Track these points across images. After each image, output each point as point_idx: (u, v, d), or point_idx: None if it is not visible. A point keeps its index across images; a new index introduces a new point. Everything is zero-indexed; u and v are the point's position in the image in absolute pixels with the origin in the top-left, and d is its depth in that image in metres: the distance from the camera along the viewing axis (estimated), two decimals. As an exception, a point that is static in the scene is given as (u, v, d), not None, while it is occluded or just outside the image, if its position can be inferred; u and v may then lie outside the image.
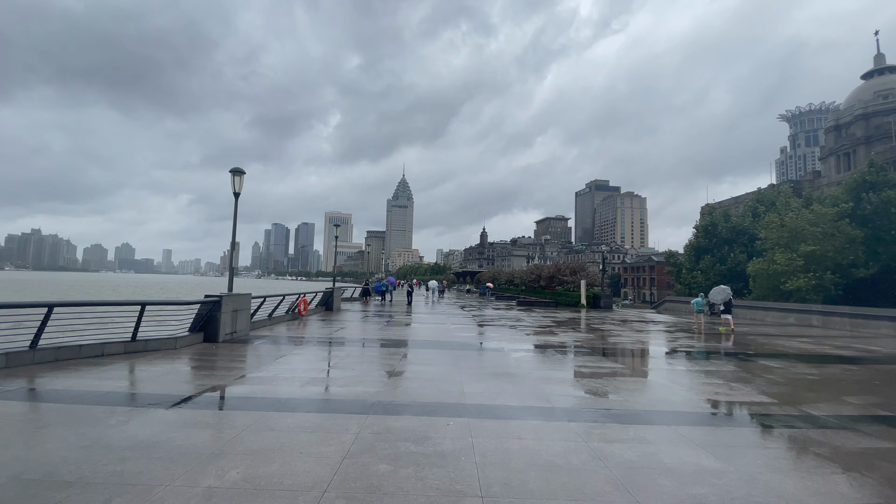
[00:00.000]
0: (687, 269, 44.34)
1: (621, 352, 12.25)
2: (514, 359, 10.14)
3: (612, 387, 7.69)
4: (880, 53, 78.61)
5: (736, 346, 13.79)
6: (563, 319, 22.15)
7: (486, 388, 7.35)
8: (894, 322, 19.17)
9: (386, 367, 8.87)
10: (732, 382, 8.27)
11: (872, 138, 72.33)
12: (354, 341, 12.68)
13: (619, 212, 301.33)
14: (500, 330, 16.95)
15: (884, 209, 26.95)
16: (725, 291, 20.84)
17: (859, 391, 7.86)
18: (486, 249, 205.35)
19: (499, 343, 12.99)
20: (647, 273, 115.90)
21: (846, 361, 11.36)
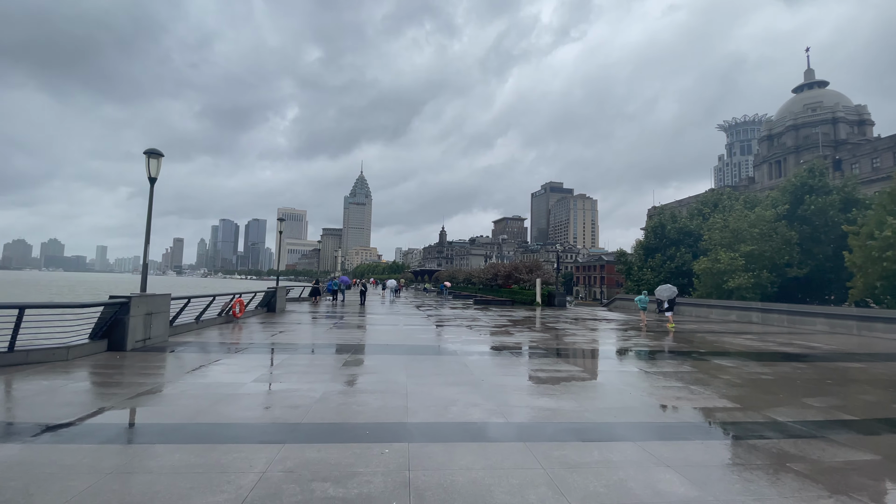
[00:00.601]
0: (637, 267, 45.72)
1: (578, 353, 11.78)
2: (467, 364, 9.31)
3: (571, 394, 7.03)
4: (810, 69, 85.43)
5: (688, 345, 13.75)
6: (519, 318, 21.74)
7: (435, 401, 6.44)
8: (828, 318, 20.20)
9: (321, 379, 7.75)
10: (692, 385, 7.87)
11: (801, 148, 78.43)
12: (292, 347, 11.38)
13: (572, 213, 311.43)
14: (455, 331, 16.14)
15: (822, 212, 28.64)
16: (671, 290, 21.50)
17: (816, 392, 7.67)
18: (445, 248, 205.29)
19: (453, 345, 12.14)
20: (597, 272, 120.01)
21: (794, 359, 11.46)
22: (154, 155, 10.85)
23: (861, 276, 20.45)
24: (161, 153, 11.01)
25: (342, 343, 12.19)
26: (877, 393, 7.62)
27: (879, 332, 17.52)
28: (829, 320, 20.16)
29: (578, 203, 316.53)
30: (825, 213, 29.28)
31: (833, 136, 77.39)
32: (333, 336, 13.73)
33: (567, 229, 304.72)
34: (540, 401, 6.63)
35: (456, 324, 18.57)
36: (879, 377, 9.17)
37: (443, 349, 11.46)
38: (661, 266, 40.71)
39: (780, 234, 29.65)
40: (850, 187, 30.23)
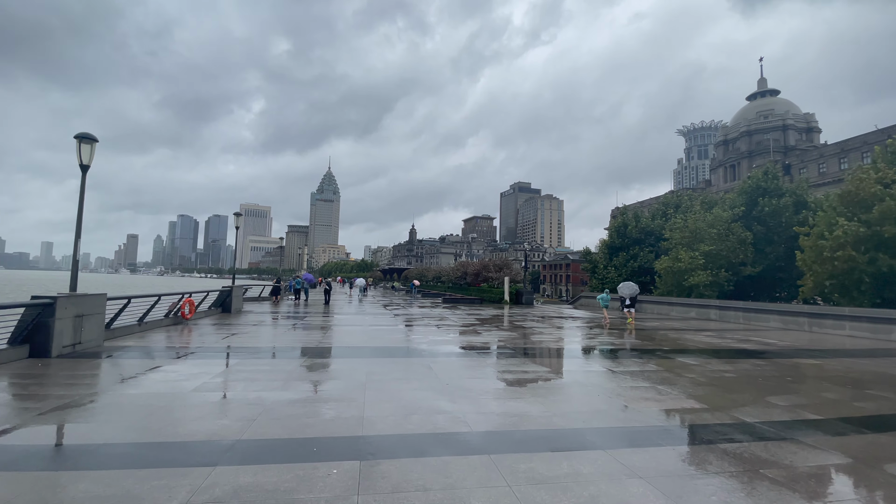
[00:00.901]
0: (602, 266, 46.67)
1: (545, 352, 11.57)
2: (432, 366, 8.87)
3: (538, 397, 6.72)
4: (763, 78, 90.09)
5: (652, 343, 13.86)
6: (488, 317, 21.52)
7: (395, 409, 5.96)
8: (781, 315, 21.07)
9: (271, 387, 7.10)
10: (659, 385, 7.75)
11: (754, 153, 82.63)
12: (244, 351, 10.59)
13: (540, 213, 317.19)
14: (422, 331, 15.67)
15: (776, 213, 29.92)
16: (632, 287, 22.03)
17: (778, 390, 7.71)
18: (414, 247, 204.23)
19: (418, 347, 11.67)
20: (563, 270, 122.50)
21: (752, 356, 11.69)
22: (86, 140, 9.77)
23: (811, 275, 21.41)
24: (94, 138, 9.93)
25: (299, 346, 11.48)
26: (836, 390, 7.73)
27: (829, 329, 18.37)
28: (782, 317, 21.04)
29: (546, 203, 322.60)
30: (778, 215, 30.64)
31: (783, 143, 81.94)
32: (291, 338, 12.96)
33: (535, 228, 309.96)
34: (507, 405, 6.27)
35: (423, 323, 18.10)
36: (835, 374, 9.40)
37: (408, 351, 10.97)
38: (624, 265, 41.66)
39: (736, 234, 30.79)
40: (801, 190, 31.76)
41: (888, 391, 7.70)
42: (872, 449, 4.85)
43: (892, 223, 17.78)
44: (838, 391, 7.64)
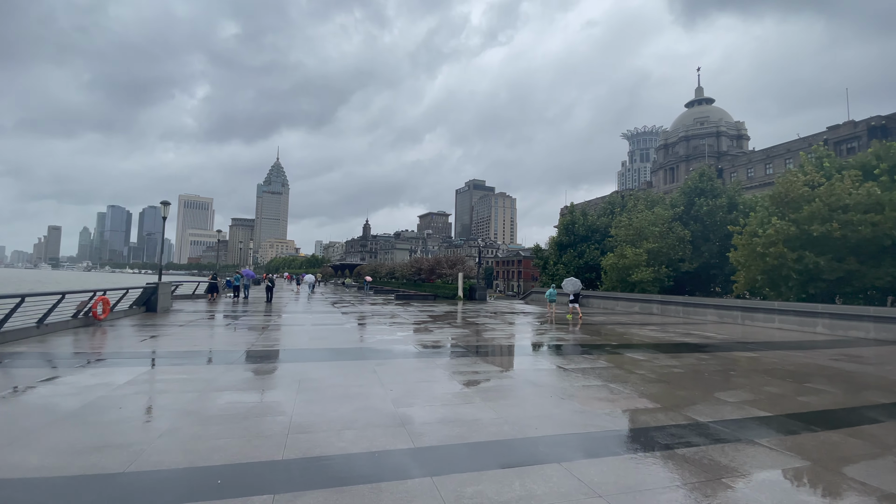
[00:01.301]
0: (552, 262, 47.72)
1: (497, 350, 11.17)
2: (377, 370, 8.13)
3: (489, 401, 6.20)
4: (700, 87, 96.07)
5: (601, 338, 13.91)
6: (440, 314, 20.99)
7: (328, 424, 5.20)
8: (717, 309, 22.18)
9: (180, 401, 6.09)
10: (611, 383, 7.51)
11: (691, 157, 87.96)
12: (160, 357, 9.32)
13: (494, 210, 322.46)
14: (371, 330, 14.83)
15: (712, 213, 31.63)
16: (576, 283, 22.68)
17: (724, 385, 7.71)
18: (368, 242, 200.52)
19: (365, 347, 10.88)
20: (515, 266, 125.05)
21: (696, 349, 11.94)
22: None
23: (744, 271, 22.72)
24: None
25: (227, 350, 10.31)
26: (778, 384, 7.84)
27: (760, 322, 19.51)
28: (717, 311, 22.17)
29: (499, 201, 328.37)
30: (713, 214, 32.43)
31: (717, 148, 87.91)
32: (220, 341, 11.71)
33: (489, 225, 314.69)
34: (456, 412, 5.69)
35: (373, 322, 17.24)
36: (773, 367, 9.67)
37: (353, 352, 10.14)
38: (571, 261, 42.72)
39: (676, 232, 32.29)
40: (734, 191, 33.81)
41: (825, 384, 7.93)
42: (827, 449, 4.74)
43: (819, 223, 19.09)
44: (780, 385, 7.75)
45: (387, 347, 10.87)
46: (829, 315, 16.70)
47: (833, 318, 16.56)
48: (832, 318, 16.58)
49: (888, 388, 7.79)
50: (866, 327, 15.41)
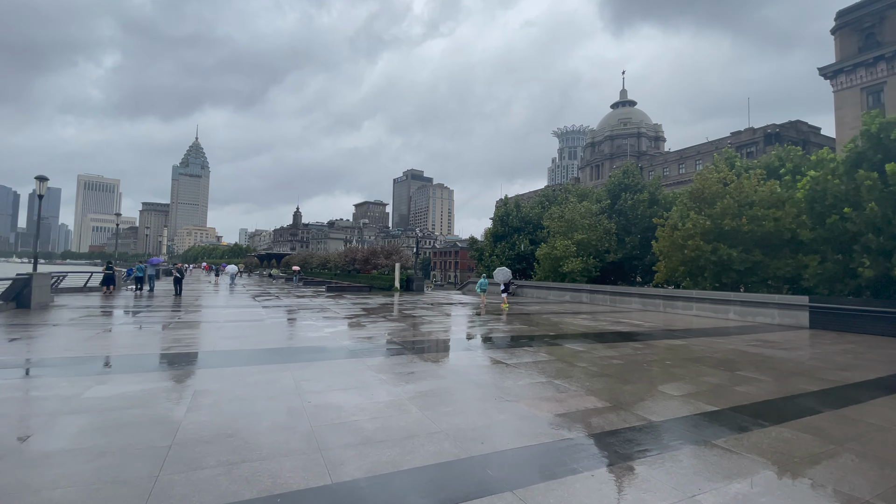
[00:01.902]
0: (487, 254, 48.17)
1: (434, 345, 10.38)
2: (294, 375, 6.94)
3: (426, 409, 5.35)
4: (624, 89, 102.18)
5: (538, 328, 13.71)
6: (375, 306, 19.83)
7: (219, 455, 4.03)
8: (641, 298, 23.30)
9: (28, 427, 4.54)
10: (555, 379, 7.03)
11: (615, 155, 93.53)
12: (8, 368, 7.34)
13: (432, 201, 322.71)
14: (293, 326, 13.36)
15: (635, 207, 33.34)
16: (506, 272, 23.07)
17: (665, 377, 7.55)
18: (300, 231, 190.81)
19: (283, 347, 9.53)
20: (453, 257, 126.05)
21: (629, 338, 12.06)
22: None
23: (665, 261, 24.08)
24: None
25: (107, 355, 8.48)
26: (714, 374, 7.85)
27: (680, 310, 20.71)
28: (642, 299, 23.30)
29: (437, 192, 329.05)
30: (636, 208, 34.29)
31: (637, 148, 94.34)
32: (101, 344, 9.71)
33: (427, 216, 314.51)
34: (386, 427, 4.77)
35: (298, 317, 15.69)
36: (703, 354, 9.87)
37: (268, 355, 8.78)
38: (504, 252, 43.34)
39: (603, 225, 33.74)
40: (654, 188, 35.97)
41: (754, 372, 8.09)
42: (784, 449, 4.48)
43: (730, 218, 20.55)
44: (715, 374, 7.77)
45: (310, 347, 9.62)
46: (741, 303, 18.03)
47: (744, 305, 17.90)
48: (743, 305, 17.92)
49: (808, 373, 8.12)
50: (772, 313, 16.79)
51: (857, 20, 52.16)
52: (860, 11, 52.00)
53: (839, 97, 54.94)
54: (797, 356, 10.01)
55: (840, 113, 54.33)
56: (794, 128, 63.53)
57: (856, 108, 53.25)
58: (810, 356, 10.02)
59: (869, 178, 13.35)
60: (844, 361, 9.38)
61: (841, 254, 15.66)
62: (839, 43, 54.61)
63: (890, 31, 48.86)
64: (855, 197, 14.35)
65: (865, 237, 13.64)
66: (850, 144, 15.78)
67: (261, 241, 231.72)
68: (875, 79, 51.03)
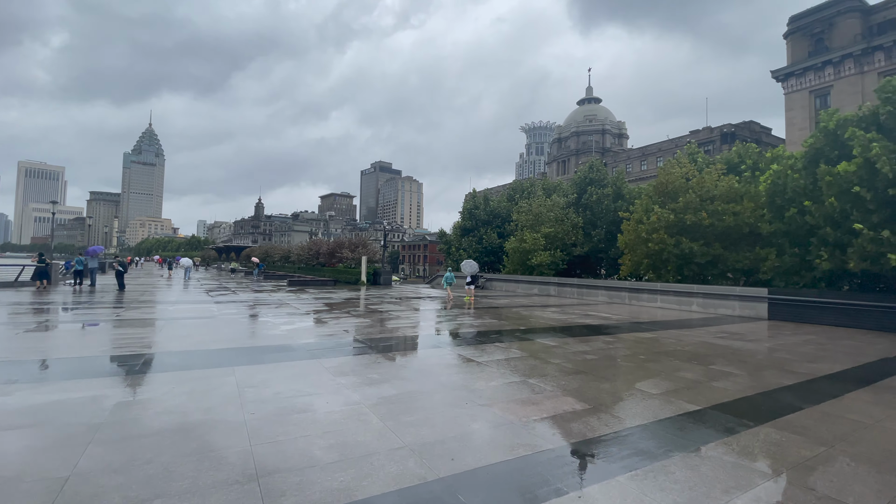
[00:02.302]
0: (455, 247, 47.81)
1: (401, 343, 9.74)
2: (240, 382, 6.14)
3: (389, 419, 4.73)
4: (590, 86, 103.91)
5: (508, 322, 13.33)
6: (339, 301, 18.92)
7: (129, 488, 3.26)
8: (607, 291, 23.49)
9: None
10: (529, 378, 6.57)
11: (580, 151, 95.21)
12: None
13: (400, 194, 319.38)
14: (247, 324, 12.35)
15: (600, 201, 33.70)
16: (473, 265, 22.96)
17: (642, 373, 7.25)
18: (262, 223, 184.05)
19: (229, 348, 8.62)
20: (421, 251, 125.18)
21: (599, 332, 11.85)
22: None
23: (630, 255, 24.38)
24: None
25: (16, 360, 7.33)
26: (689, 368, 7.64)
27: (645, 302, 20.96)
28: (608, 292, 23.50)
29: (406, 185, 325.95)
30: (601, 202, 34.74)
31: (602, 144, 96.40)
32: (20, 346, 8.47)
33: (395, 209, 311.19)
34: (342, 443, 4.11)
35: (253, 313, 14.64)
36: (674, 348, 9.73)
37: (212, 357, 7.87)
38: (472, 245, 43.12)
39: (570, 219, 33.99)
40: (619, 182, 36.52)
41: (727, 365, 7.95)
42: (776, 452, 4.17)
43: (692, 212, 20.93)
44: (690, 369, 7.55)
45: (263, 347, 8.76)
46: (703, 295, 18.38)
47: (706, 297, 18.26)
48: (705, 297, 18.28)
49: (778, 366, 8.06)
50: (733, 305, 17.19)
51: (808, 26, 54.92)
52: (811, 17, 54.75)
53: (789, 99, 57.81)
54: (763, 348, 10.06)
55: (790, 115, 57.27)
56: (748, 128, 66.58)
57: (804, 111, 56.30)
58: (776, 347, 10.09)
59: (829, 173, 13.69)
60: (809, 352, 9.47)
61: (798, 247, 16.13)
62: (791, 47, 57.43)
63: (838, 37, 51.71)
64: (814, 191, 14.74)
65: (823, 231, 14.03)
66: (809, 140, 16.23)
67: (220, 234, 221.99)
68: (822, 82, 53.98)
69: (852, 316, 13.87)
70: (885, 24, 50.60)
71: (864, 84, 50.91)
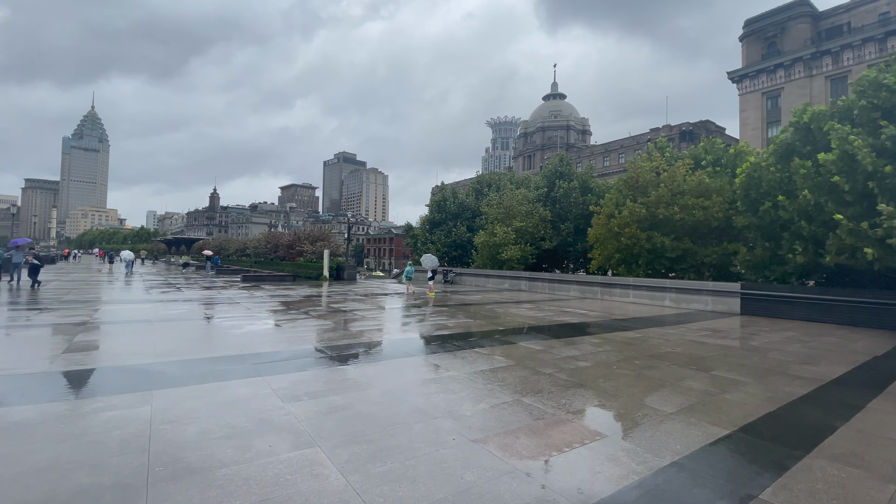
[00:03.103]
0: (422, 241, 46.58)
1: (366, 351, 8.49)
2: (150, 414, 4.73)
3: (350, 469, 3.54)
4: (555, 82, 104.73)
5: (485, 322, 12.33)
6: (298, 299, 17.31)
7: None
8: (579, 285, 23.05)
9: None
10: (523, 397, 5.56)
11: (546, 146, 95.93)
12: None
13: (365, 186, 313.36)
14: (183, 330, 10.69)
15: (567, 195, 33.41)
16: (433, 260, 22.27)
17: (644, 384, 6.40)
18: (217, 214, 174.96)
19: (149, 363, 7.09)
20: (387, 244, 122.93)
21: (583, 332, 11.08)
22: None
23: (600, 249, 24.07)
24: None
25: None
26: (690, 376, 6.88)
27: (617, 297, 20.61)
28: (580, 287, 23.06)
29: (371, 176, 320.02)
30: (569, 196, 34.53)
31: (566, 140, 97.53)
32: None
33: (360, 202, 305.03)
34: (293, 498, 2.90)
35: (195, 316, 12.89)
36: (664, 350, 9.04)
37: (122, 382, 6.34)
38: (441, 239, 42.10)
39: (539, 212, 33.56)
40: (586, 176, 36.43)
41: (728, 370, 7.27)
42: (844, 495, 3.31)
43: (664, 206, 20.72)
44: (694, 377, 6.79)
45: (195, 360, 7.28)
46: (676, 290, 18.15)
47: (679, 292, 18.03)
48: (678, 292, 18.05)
49: (778, 369, 7.47)
50: (705, 300, 17.02)
51: (762, 29, 57.13)
52: (765, 21, 56.95)
53: (744, 100, 60.11)
54: (752, 346, 9.57)
55: (744, 115, 59.60)
56: (705, 127, 68.99)
57: (757, 111, 58.75)
58: (764, 347, 9.62)
59: (804, 166, 13.52)
60: (800, 352, 9.03)
61: (770, 241, 16.06)
62: (745, 49, 59.66)
63: (789, 42, 54.06)
64: (788, 185, 14.60)
65: (797, 224, 13.90)
66: (780, 136, 16.14)
67: (172, 225, 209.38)
68: (774, 84, 56.40)
69: (824, 311, 13.86)
70: (832, 29, 53.37)
71: (812, 87, 53.60)
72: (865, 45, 50.35)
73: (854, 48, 51.01)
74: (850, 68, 50.74)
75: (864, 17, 51.86)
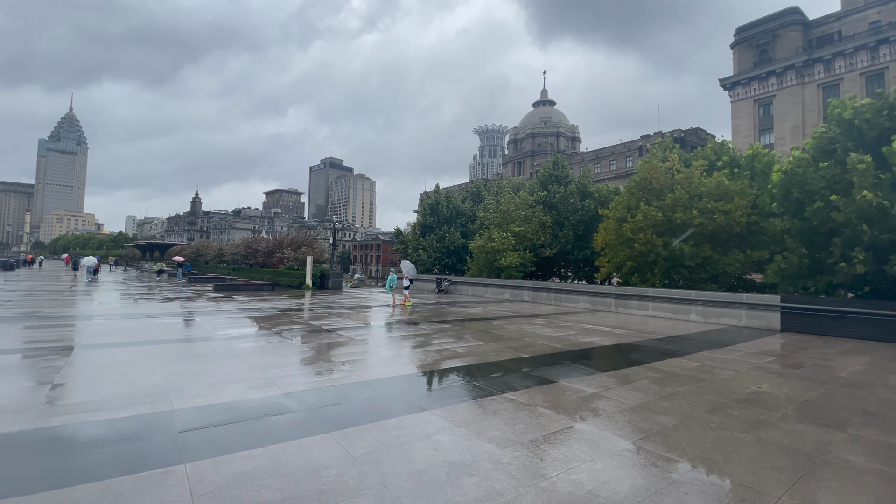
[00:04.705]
0: (413, 247, 44.30)
1: (359, 407, 6.16)
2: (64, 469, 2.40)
3: None
4: (545, 89, 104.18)
5: (502, 345, 10.11)
6: (273, 314, 14.85)
7: None
8: (590, 296, 21.01)
9: None
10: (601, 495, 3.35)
11: (536, 152, 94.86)
12: None
13: (352, 192, 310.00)
14: (116, 360, 8.22)
15: (565, 199, 31.56)
16: (412, 268, 20.74)
17: (774, 457, 4.25)
18: (199, 219, 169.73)
19: (30, 431, 4.70)
20: (374, 251, 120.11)
21: (628, 360, 8.94)
22: None
23: (609, 256, 22.15)
24: None
25: None
26: (819, 437, 4.77)
27: (634, 309, 18.60)
28: (591, 298, 21.02)
29: (358, 182, 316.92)
30: (566, 200, 32.71)
31: (556, 146, 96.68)
32: None
33: (346, 208, 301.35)
34: None
35: (139, 339, 10.38)
36: (740, 386, 6.94)
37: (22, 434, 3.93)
38: (433, 245, 39.91)
39: (538, 217, 31.63)
40: (585, 180, 34.69)
41: (860, 427, 5.18)
42: None
43: (682, 210, 18.90)
44: (825, 440, 4.68)
45: (104, 421, 4.89)
46: (703, 302, 16.21)
47: (707, 305, 16.09)
48: (706, 305, 16.10)
49: None
50: (738, 314, 15.09)
51: (754, 37, 56.79)
52: (757, 29, 56.63)
53: (735, 107, 59.55)
54: (845, 380, 7.54)
55: (736, 122, 59.01)
56: (696, 134, 68.42)
57: (749, 118, 58.20)
58: (860, 381, 7.60)
59: (862, 160, 11.72)
60: (915, 390, 7.03)
61: (811, 247, 14.25)
62: (737, 57, 59.26)
63: (781, 49, 53.70)
64: (839, 184, 12.80)
65: (857, 228, 12.05)
66: (819, 130, 14.43)
67: (152, 230, 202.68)
68: (766, 92, 55.92)
69: (885, 328, 12.01)
70: (823, 38, 53.18)
71: (804, 95, 53.24)
72: (857, 53, 50.10)
73: (846, 56, 50.72)
74: (843, 76, 50.45)
75: (855, 25, 51.76)
